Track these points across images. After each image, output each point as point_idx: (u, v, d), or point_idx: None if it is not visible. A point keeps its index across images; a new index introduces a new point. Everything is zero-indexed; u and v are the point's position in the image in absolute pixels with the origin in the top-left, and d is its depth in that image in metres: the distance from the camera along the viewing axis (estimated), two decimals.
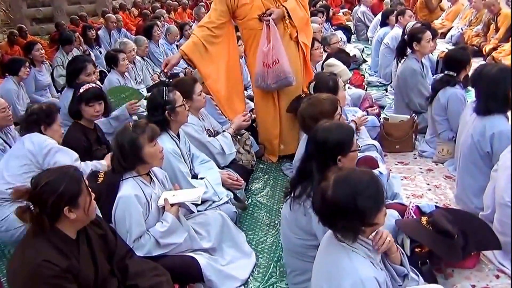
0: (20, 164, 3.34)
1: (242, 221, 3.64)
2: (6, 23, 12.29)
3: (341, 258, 1.94)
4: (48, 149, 3.34)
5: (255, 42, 4.24)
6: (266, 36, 4.08)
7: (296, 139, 4.29)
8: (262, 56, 4.10)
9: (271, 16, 4.07)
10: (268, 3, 4.15)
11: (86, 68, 4.68)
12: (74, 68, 4.73)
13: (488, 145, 3.27)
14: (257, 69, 4.20)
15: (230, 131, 4.03)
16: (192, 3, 15.45)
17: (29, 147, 3.35)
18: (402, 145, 4.71)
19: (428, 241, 2.65)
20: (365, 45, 9.75)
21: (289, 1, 4.22)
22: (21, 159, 3.35)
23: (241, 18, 4.23)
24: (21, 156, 3.36)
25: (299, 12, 4.28)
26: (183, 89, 3.63)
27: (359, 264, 1.91)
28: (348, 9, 14.15)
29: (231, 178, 3.63)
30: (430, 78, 5.22)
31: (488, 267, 2.87)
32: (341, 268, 1.92)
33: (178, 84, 3.77)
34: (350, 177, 1.91)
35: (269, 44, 4.06)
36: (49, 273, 2.04)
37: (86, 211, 2.17)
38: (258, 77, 4.21)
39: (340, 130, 2.51)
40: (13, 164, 3.37)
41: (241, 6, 4.15)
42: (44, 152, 3.33)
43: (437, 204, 3.40)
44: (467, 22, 9.59)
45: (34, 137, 3.39)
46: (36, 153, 3.33)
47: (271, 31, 4.06)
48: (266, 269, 3.11)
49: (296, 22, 4.22)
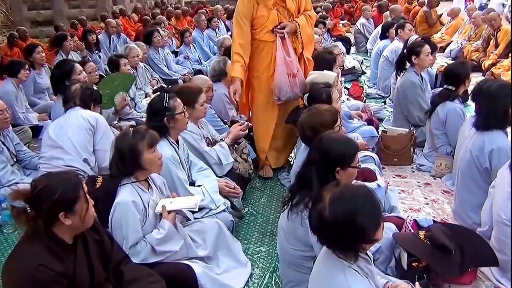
0: (85, 135, 3.72)
1: (238, 230, 3.62)
2: (6, 25, 12.29)
3: (336, 273, 1.92)
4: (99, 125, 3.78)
5: (264, 53, 4.25)
6: (283, 48, 4.11)
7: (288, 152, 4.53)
8: (285, 67, 4.10)
9: (285, 29, 4.11)
10: (282, 16, 4.19)
11: (73, 69, 4.64)
12: (61, 72, 4.67)
13: (486, 160, 3.27)
14: (281, 81, 4.15)
15: (227, 141, 4.01)
16: (193, 10, 15.52)
17: (89, 120, 3.75)
18: (400, 158, 4.71)
19: (425, 255, 2.64)
20: (364, 57, 9.82)
21: (301, 17, 4.28)
22: (84, 131, 3.73)
23: (256, 28, 4.22)
24: (84, 129, 3.73)
25: (308, 29, 4.33)
26: (187, 96, 3.64)
27: (352, 281, 1.89)
28: (348, 20, 14.25)
29: (228, 186, 3.61)
30: (429, 92, 5.24)
31: (485, 284, 2.87)
32: (335, 283, 1.91)
33: (182, 90, 3.77)
34: (346, 196, 1.89)
35: (291, 55, 4.11)
36: (44, 278, 2.02)
37: (82, 218, 2.15)
38: (285, 88, 4.16)
39: (345, 143, 2.51)
40: (80, 137, 3.73)
41: (258, 17, 4.17)
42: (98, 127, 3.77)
43: (435, 219, 3.39)
44: (466, 37, 9.68)
45: (90, 112, 3.81)
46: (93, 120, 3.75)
47: (286, 43, 4.11)
48: (262, 279, 3.09)
49: (304, 38, 4.26)
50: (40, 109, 6.19)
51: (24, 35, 9.51)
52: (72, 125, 3.78)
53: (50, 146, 3.79)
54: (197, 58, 9.06)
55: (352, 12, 15.30)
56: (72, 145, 3.70)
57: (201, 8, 15.66)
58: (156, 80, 7.28)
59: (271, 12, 4.16)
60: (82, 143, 3.73)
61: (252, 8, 4.16)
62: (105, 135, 3.80)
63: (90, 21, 12.65)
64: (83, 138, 3.74)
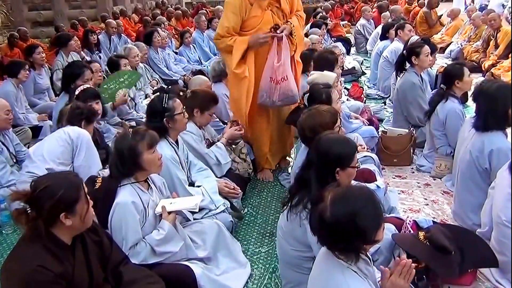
0: (59, 145, 3.63)
1: (237, 231, 3.62)
2: (6, 25, 12.29)
3: (335, 273, 1.92)
4: (81, 142, 3.65)
5: (259, 55, 4.11)
6: (277, 52, 3.99)
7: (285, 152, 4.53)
8: (271, 72, 3.99)
9: (283, 32, 3.99)
10: (276, 17, 4.12)
11: (83, 74, 4.68)
12: (71, 72, 4.73)
13: (486, 161, 3.27)
14: (263, 84, 4.07)
15: (222, 140, 4.01)
16: (193, 11, 15.53)
17: (69, 132, 3.66)
18: (400, 159, 4.71)
19: (425, 256, 2.64)
20: (364, 57, 9.82)
21: (294, 18, 4.22)
22: (59, 142, 3.64)
23: (248, 30, 4.08)
24: (61, 140, 3.64)
25: (300, 30, 4.30)
26: (202, 101, 3.74)
27: (351, 282, 1.88)
28: (348, 21, 14.26)
29: (228, 186, 3.62)
30: (429, 93, 5.23)
31: (485, 285, 2.86)
32: (334, 284, 1.91)
33: (200, 93, 3.84)
34: (347, 197, 1.89)
35: (280, 60, 3.97)
36: (43, 279, 2.02)
37: (83, 218, 2.15)
38: (264, 92, 4.08)
39: (343, 143, 2.51)
40: (52, 146, 3.65)
41: (251, 18, 4.06)
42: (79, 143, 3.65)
43: (434, 220, 3.40)
44: (466, 37, 9.68)
45: (75, 128, 3.71)
46: (74, 137, 3.64)
47: (283, 47, 3.98)
48: (261, 280, 3.08)
49: (298, 39, 4.21)
50: (40, 110, 6.18)
51: (24, 35, 9.51)
52: (51, 136, 3.79)
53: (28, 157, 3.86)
54: (197, 59, 9.09)
55: (352, 13, 15.32)
56: (40, 153, 3.66)
57: (201, 8, 15.66)
58: (156, 80, 7.29)
59: (265, 13, 4.08)
60: (53, 152, 3.64)
61: (244, 9, 4.02)
62: (89, 152, 3.70)
63: (90, 22, 12.64)
64: (56, 148, 3.64)
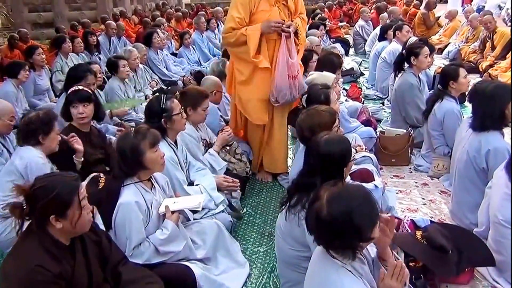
0: (9, 179, 3.20)
1: (236, 231, 3.64)
2: (6, 27, 12.31)
3: (330, 273, 1.94)
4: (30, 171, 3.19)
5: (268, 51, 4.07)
6: (288, 49, 3.99)
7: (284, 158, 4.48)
8: (287, 69, 3.97)
9: (290, 28, 3.98)
10: (283, 14, 4.11)
11: (86, 78, 4.66)
12: (75, 75, 4.71)
13: (483, 161, 3.29)
14: (280, 83, 4.01)
15: (215, 148, 3.99)
16: (193, 12, 15.54)
17: (17, 163, 3.25)
18: (398, 159, 4.73)
19: (422, 255, 2.66)
20: (362, 58, 9.84)
21: (297, 19, 4.20)
22: (10, 175, 3.27)
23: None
24: (10, 172, 3.28)
25: (303, 32, 4.30)
26: (193, 98, 3.71)
27: (346, 281, 1.90)
28: (346, 22, 14.29)
29: (226, 180, 3.64)
30: (426, 93, 5.25)
31: (482, 284, 2.88)
32: (329, 283, 1.93)
33: (189, 91, 3.81)
34: (343, 195, 1.91)
35: (293, 57, 3.99)
36: (41, 279, 2.02)
37: (74, 224, 2.11)
38: (283, 90, 4.03)
39: (341, 141, 2.52)
40: (3, 180, 3.27)
41: (259, 12, 4.04)
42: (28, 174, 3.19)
43: (432, 219, 3.42)
44: (464, 38, 9.72)
45: (24, 152, 3.28)
46: (21, 169, 3.23)
47: (292, 43, 3.99)
48: (260, 280, 3.10)
49: (301, 40, 4.20)
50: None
51: (25, 37, 9.53)
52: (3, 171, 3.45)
53: None
54: (196, 60, 9.13)
55: (351, 14, 15.32)
56: None
57: (201, 10, 15.67)
58: (155, 81, 7.30)
59: (273, 9, 4.06)
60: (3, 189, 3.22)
61: (253, 2, 4.01)
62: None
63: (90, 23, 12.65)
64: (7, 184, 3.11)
